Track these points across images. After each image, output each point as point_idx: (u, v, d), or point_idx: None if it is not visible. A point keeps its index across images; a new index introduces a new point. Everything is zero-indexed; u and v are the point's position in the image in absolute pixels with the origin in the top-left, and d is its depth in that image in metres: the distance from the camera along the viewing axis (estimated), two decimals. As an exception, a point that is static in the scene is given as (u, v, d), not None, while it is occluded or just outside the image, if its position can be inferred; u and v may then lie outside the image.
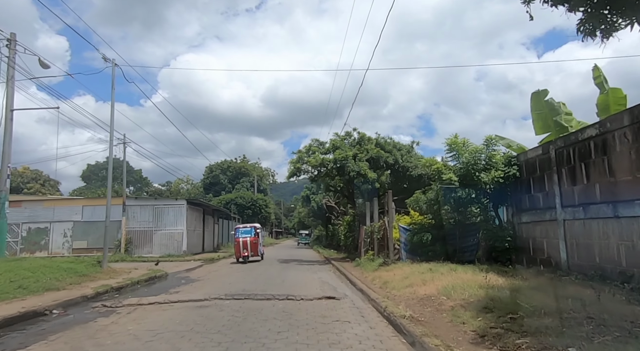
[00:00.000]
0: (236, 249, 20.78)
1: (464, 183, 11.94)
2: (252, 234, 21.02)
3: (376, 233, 15.93)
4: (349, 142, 22.01)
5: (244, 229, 21.46)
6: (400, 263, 12.72)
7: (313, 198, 42.60)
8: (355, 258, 19.31)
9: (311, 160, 20.15)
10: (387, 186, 20.19)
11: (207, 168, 71.50)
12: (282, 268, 17.54)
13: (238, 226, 22.01)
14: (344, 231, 27.71)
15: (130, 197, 26.33)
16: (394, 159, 20.63)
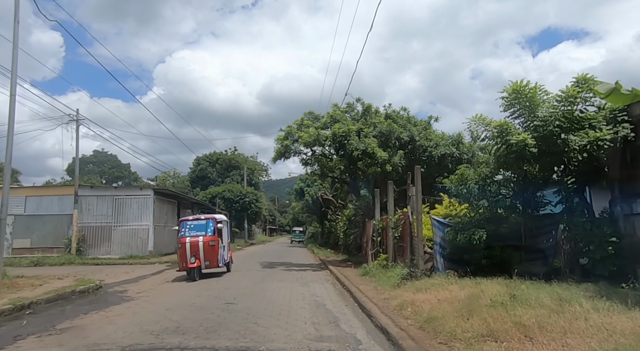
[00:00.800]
0: (180, 256, 12.47)
1: (543, 149, 7.46)
2: (208, 231, 12.76)
3: (392, 230, 11.43)
4: (351, 116, 17.48)
5: (194, 223, 13.12)
6: (437, 276, 8.22)
7: (307, 191, 38.06)
8: (361, 263, 14.82)
9: (303, 136, 15.59)
10: (400, 170, 15.71)
11: (195, 161, 66.78)
12: (262, 278, 12.99)
13: (185, 219, 13.62)
14: (343, 227, 23.22)
15: (84, 186, 21.76)
16: (410, 136, 16.13)
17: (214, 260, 12.85)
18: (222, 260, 13.58)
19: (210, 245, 12.59)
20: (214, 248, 12.76)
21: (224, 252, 13.90)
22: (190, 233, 12.71)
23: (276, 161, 17.13)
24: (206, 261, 12.54)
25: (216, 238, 12.89)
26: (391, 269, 10.73)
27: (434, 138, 16.27)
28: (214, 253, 12.76)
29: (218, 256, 12.98)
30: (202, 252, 12.37)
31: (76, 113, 21.86)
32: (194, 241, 12.35)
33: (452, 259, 8.64)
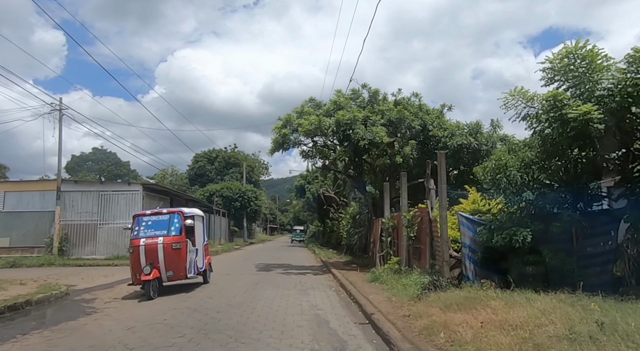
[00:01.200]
0: (132, 265, 9.31)
1: (609, 126, 5.82)
2: (172, 229, 9.50)
3: (407, 229, 9.78)
4: (356, 103, 15.83)
5: (153, 219, 9.77)
6: (469, 286, 6.57)
7: (308, 188, 36.41)
8: (368, 266, 13.21)
9: (303, 123, 13.94)
10: (412, 162, 14.08)
11: (193, 158, 65.29)
12: (255, 283, 11.36)
13: (140, 213, 10.29)
14: (347, 226, 21.56)
15: (67, 180, 20.18)
16: (422, 124, 14.48)
17: (179, 269, 9.43)
18: (194, 268, 10.12)
19: (174, 249, 9.22)
20: (180, 252, 9.36)
21: (197, 257, 10.35)
22: (147, 233, 9.38)
23: (274, 152, 15.49)
24: (168, 271, 9.16)
25: (183, 238, 9.53)
26: (406, 276, 9.10)
27: (449, 127, 14.61)
28: (179, 260, 9.37)
29: (186, 263, 9.58)
30: (162, 258, 9.02)
31: (59, 102, 20.29)
32: (150, 244, 9.09)
33: (485, 266, 7.00)
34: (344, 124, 13.85)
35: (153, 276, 8.77)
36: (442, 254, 7.23)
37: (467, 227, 7.27)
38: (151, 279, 8.72)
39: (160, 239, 9.19)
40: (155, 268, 8.91)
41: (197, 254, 10.40)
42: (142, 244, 9.12)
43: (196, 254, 10.29)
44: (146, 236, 9.33)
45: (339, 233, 27.34)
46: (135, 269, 9.07)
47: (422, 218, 9.32)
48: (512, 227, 6.42)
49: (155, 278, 8.85)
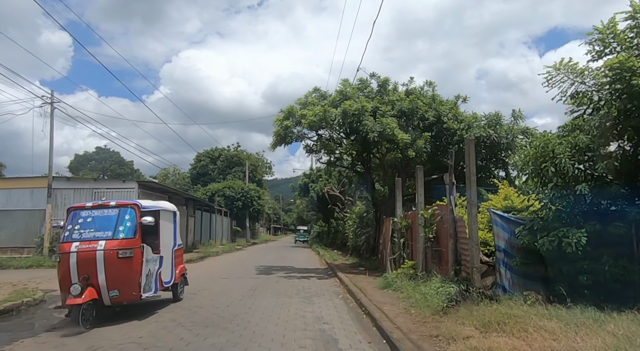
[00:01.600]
0: (60, 279, 6.47)
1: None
2: (120, 230, 6.71)
3: (425, 229, 8.61)
4: (364, 93, 14.67)
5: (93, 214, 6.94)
6: (508, 299, 5.41)
7: (312, 187, 35.25)
8: (377, 270, 12.08)
9: (307, 114, 12.80)
10: (425, 156, 12.91)
11: (196, 157, 64.39)
12: (253, 289, 10.22)
13: (77, 206, 7.42)
14: (353, 226, 20.41)
15: (59, 177, 19.19)
16: (436, 115, 13.29)
17: (129, 286, 6.54)
18: (155, 283, 7.24)
19: (122, 258, 6.39)
20: (131, 263, 6.52)
21: (162, 268, 7.51)
22: (83, 234, 6.58)
23: (275, 147, 14.37)
24: (112, 290, 6.30)
25: (137, 242, 6.68)
26: (424, 283, 7.94)
27: (466, 119, 13.41)
28: (129, 273, 6.53)
29: (140, 277, 6.70)
30: (102, 272, 6.25)
31: (50, 95, 19.29)
32: (85, 251, 6.31)
33: (525, 274, 5.83)
34: (352, 115, 12.70)
35: (85, 299, 5.90)
36: (472, 259, 6.06)
37: (501, 227, 6.10)
38: (82, 303, 5.85)
39: (101, 244, 6.36)
40: (91, 285, 6.12)
41: (162, 263, 7.50)
42: (73, 250, 6.28)
43: (160, 264, 7.42)
44: (82, 238, 6.48)
45: (344, 233, 26.19)
46: (64, 287, 6.26)
47: (443, 217, 8.16)
48: (561, 227, 5.25)
49: (91, 300, 6.00)
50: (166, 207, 8.34)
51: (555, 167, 5.18)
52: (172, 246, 8.21)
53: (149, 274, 7.08)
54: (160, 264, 7.50)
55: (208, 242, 33.77)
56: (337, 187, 28.68)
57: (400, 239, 10.73)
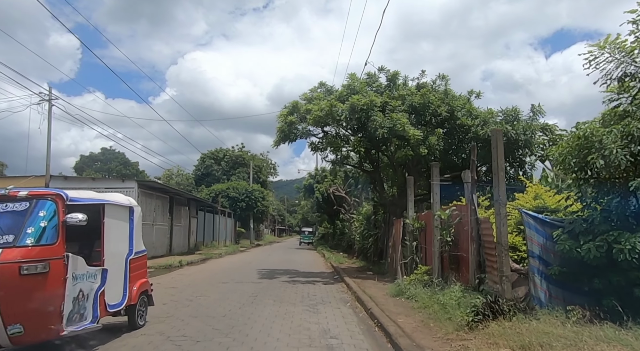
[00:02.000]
0: None
1: None
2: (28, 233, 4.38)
3: (442, 232, 7.83)
4: (372, 88, 13.92)
5: None
6: (547, 313, 4.64)
7: (317, 187, 34.49)
8: (386, 274, 11.33)
9: (313, 109, 12.09)
10: (438, 153, 12.13)
11: (200, 158, 63.98)
12: (254, 295, 9.50)
13: None
14: (360, 228, 19.69)
15: (57, 177, 18.65)
16: (449, 111, 12.51)
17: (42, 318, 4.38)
18: (94, 310, 5.10)
19: (26, 275, 4.21)
20: (45, 282, 4.37)
21: (108, 285, 5.36)
22: None
23: (279, 144, 13.66)
24: (12, 325, 4.07)
25: (57, 251, 4.52)
26: (442, 291, 7.17)
27: (481, 114, 12.62)
28: (43, 297, 4.35)
29: (62, 303, 4.49)
30: None
31: (48, 92, 18.76)
32: None
33: (566, 284, 5.06)
34: (360, 110, 11.96)
35: None
36: (501, 266, 5.30)
37: (535, 230, 5.33)
38: None
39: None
40: None
41: (106, 279, 5.27)
42: None
43: (102, 280, 5.25)
44: None
45: (350, 235, 25.45)
46: None
47: (462, 218, 7.39)
48: (611, 231, 4.48)
49: None
50: (116, 200, 5.92)
51: (604, 159, 4.41)
52: (127, 255, 5.90)
53: (81, 296, 4.82)
54: (103, 281, 5.23)
55: (211, 243, 33.16)
56: (343, 187, 27.95)
57: (412, 242, 9.97)
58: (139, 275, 6.26)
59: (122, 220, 6.00)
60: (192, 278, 13.06)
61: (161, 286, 11.21)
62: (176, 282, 12.04)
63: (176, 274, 14.39)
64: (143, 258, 6.50)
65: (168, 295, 9.50)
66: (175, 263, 18.00)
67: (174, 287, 10.93)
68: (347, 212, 27.51)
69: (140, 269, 6.36)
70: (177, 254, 23.47)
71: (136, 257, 6.15)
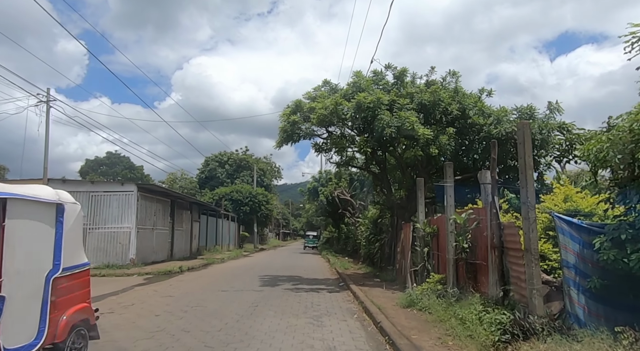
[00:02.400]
0: None
1: None
2: None
3: (458, 238, 7.17)
4: (379, 86, 13.31)
5: None
6: (591, 335, 3.98)
7: (322, 190, 33.86)
8: (394, 282, 10.67)
9: (317, 106, 11.51)
10: (449, 154, 11.50)
11: (204, 162, 63.69)
12: (254, 305, 8.86)
13: None
14: (365, 232, 19.02)
15: (55, 180, 18.20)
16: (461, 109, 11.88)
17: None
18: None
19: None
20: None
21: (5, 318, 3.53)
22: None
23: (281, 145, 13.07)
24: None
25: None
26: (459, 303, 6.53)
27: (494, 113, 11.96)
28: None
29: None
30: None
31: (46, 93, 18.35)
32: None
33: (608, 300, 4.40)
34: (366, 108, 11.36)
35: None
36: (530, 277, 4.64)
37: (569, 236, 4.68)
38: None
39: None
40: None
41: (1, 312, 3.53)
42: None
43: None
44: None
45: (355, 239, 24.78)
46: None
47: (480, 223, 6.73)
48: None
49: None
50: (31, 195, 4.17)
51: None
52: (49, 272, 4.18)
53: None
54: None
55: (214, 248, 32.60)
56: (348, 191, 27.30)
57: (423, 248, 9.31)
58: (73, 299, 4.49)
59: (42, 222, 4.25)
60: (190, 285, 12.47)
61: (157, 294, 10.64)
62: (174, 290, 11.45)
63: (175, 281, 13.80)
64: (81, 275, 4.74)
65: (163, 304, 8.90)
66: (175, 269, 17.43)
67: (171, 295, 10.35)
68: (352, 216, 26.86)
69: (76, 291, 4.59)
70: (179, 259, 22.92)
71: (67, 275, 4.39)
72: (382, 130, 11.23)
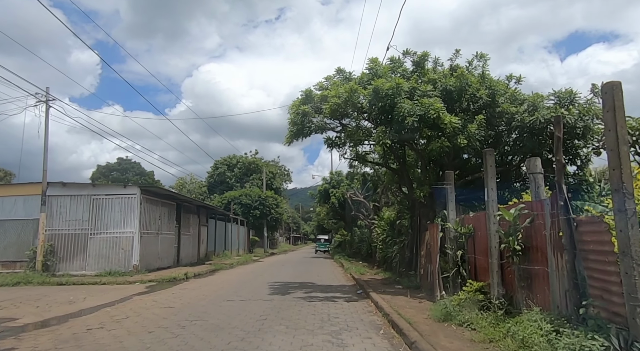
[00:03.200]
0: None
1: None
2: None
3: (508, 238, 5.91)
4: (397, 75, 12.13)
5: None
6: None
7: (333, 192, 32.70)
8: (421, 290, 9.45)
9: (330, 95, 10.38)
10: (479, 145, 10.26)
11: (213, 165, 63.05)
12: (262, 320, 7.69)
13: None
14: (382, 235, 17.76)
15: (54, 183, 17.35)
16: (490, 95, 10.64)
17: None
18: None
19: None
20: None
21: None
22: None
23: (291, 140, 11.94)
24: None
25: None
26: (509, 318, 5.30)
27: (528, 99, 10.68)
28: None
29: None
30: None
31: (45, 92, 17.56)
32: None
33: None
34: (385, 95, 10.20)
35: None
36: (633, 290, 3.41)
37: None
38: None
39: None
40: None
41: None
42: None
43: None
44: None
45: (370, 242, 23.52)
46: None
47: (534, 219, 5.50)
48: None
49: None
50: None
51: None
52: None
53: None
54: None
55: (223, 253, 31.62)
56: (361, 192, 26.06)
57: (456, 251, 8.07)
58: None
59: None
60: (194, 294, 11.40)
61: (156, 305, 9.58)
62: (175, 299, 10.38)
63: (178, 289, 12.76)
64: None
65: (159, 318, 7.82)
66: (180, 276, 16.41)
67: (170, 306, 9.27)
68: (366, 217, 25.60)
69: None
70: (186, 265, 21.94)
71: None
72: (402, 120, 10.04)
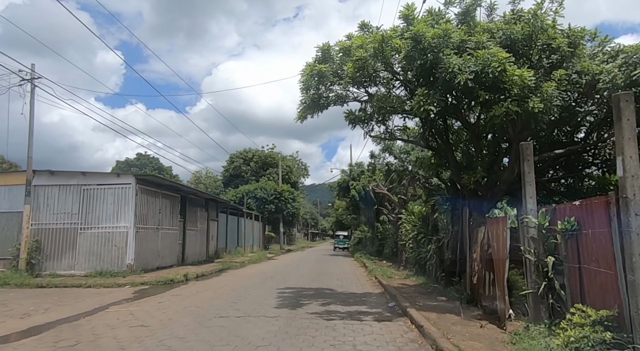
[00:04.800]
0: None
1: None
2: None
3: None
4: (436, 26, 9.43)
5: None
6: None
7: (353, 185, 30.10)
8: (475, 304, 6.86)
9: (354, 46, 7.86)
10: (556, 111, 7.57)
11: (228, 159, 61.25)
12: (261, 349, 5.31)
13: None
14: (412, 231, 15.11)
15: (41, 171, 15.44)
16: (572, 45, 7.88)
17: None
18: None
19: None
20: None
21: None
22: None
23: (305, 114, 9.43)
24: None
25: None
26: None
27: (625, 49, 7.87)
28: None
29: None
30: None
31: (31, 70, 15.61)
32: None
33: None
34: (427, 46, 7.60)
35: None
36: None
37: None
38: None
39: None
40: None
41: None
42: None
43: None
44: None
45: (396, 239, 20.92)
46: None
47: None
48: None
49: None
50: None
51: None
52: None
53: None
54: None
55: (235, 250, 29.55)
56: (384, 183, 23.43)
57: (543, 257, 5.45)
58: None
59: None
60: (184, 304, 9.12)
61: (128, 322, 7.28)
62: (157, 313, 8.11)
63: (169, 296, 10.56)
64: None
65: (116, 348, 5.52)
66: (179, 277, 14.26)
67: (145, 325, 6.98)
68: (390, 212, 22.98)
69: None
70: (192, 263, 19.87)
71: None
72: (451, 79, 7.42)
